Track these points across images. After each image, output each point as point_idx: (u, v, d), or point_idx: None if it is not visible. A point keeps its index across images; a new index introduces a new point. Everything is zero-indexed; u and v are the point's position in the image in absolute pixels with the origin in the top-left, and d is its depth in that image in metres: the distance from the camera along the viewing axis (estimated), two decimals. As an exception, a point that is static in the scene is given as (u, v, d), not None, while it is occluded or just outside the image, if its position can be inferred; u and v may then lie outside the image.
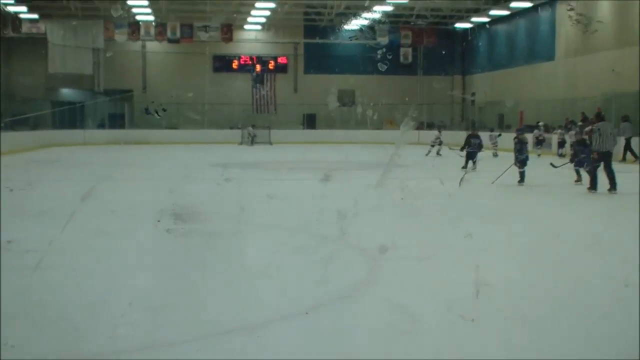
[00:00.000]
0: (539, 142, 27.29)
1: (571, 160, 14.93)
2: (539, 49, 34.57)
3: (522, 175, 15.03)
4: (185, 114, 36.95)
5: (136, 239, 8.64)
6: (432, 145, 26.23)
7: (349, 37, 40.43)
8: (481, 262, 6.73)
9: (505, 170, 15.00)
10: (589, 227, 9.90)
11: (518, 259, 7.49)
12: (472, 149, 18.78)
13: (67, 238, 7.98)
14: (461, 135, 24.79)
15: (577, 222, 10.43)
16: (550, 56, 33.21)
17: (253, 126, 37.69)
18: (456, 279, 6.42)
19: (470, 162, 18.74)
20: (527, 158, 15.14)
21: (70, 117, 38.18)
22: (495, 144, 26.70)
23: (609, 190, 13.47)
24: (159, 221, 9.30)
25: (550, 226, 9.89)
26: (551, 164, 16.61)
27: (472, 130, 19.93)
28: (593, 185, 13.60)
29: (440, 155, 25.02)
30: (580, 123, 25.81)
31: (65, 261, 7.08)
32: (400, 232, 8.77)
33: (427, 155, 25.45)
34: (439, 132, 27.62)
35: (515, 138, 15.56)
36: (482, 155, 19.88)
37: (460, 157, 19.28)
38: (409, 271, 6.81)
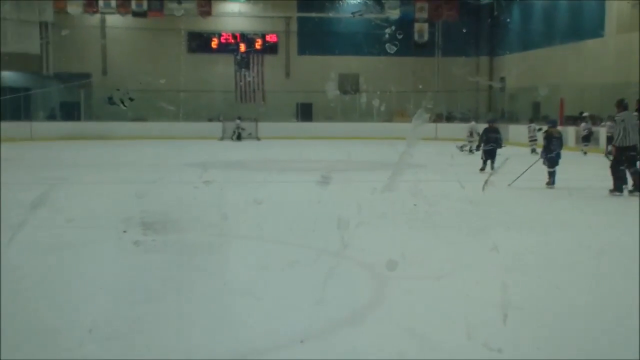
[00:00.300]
0: (587, 137, 27.33)
1: None
2: (583, 23, 34.57)
3: (551, 176, 15.22)
4: (156, 104, 36.99)
5: (98, 253, 8.73)
6: (470, 141, 26.52)
7: (352, 13, 40.51)
8: (509, 280, 6.83)
9: (526, 170, 15.28)
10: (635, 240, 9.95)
11: (552, 277, 7.58)
12: (490, 147, 18.77)
13: (14, 253, 8.03)
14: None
15: (622, 234, 10.47)
16: (597, 32, 33.16)
17: (240, 118, 37.71)
18: (479, 300, 6.51)
19: (489, 162, 18.76)
20: (558, 156, 15.30)
21: (13, 107, 38.03)
22: (533, 139, 26.90)
23: (630, 192, 13.92)
24: (125, 232, 9.39)
25: (590, 238, 9.96)
26: (607, 155, 16.77)
27: (491, 123, 20.01)
28: (617, 187, 13.92)
29: (473, 152, 25.19)
30: (635, 113, 25.93)
31: (12, 281, 7.12)
32: (413, 245, 8.85)
33: (461, 149, 25.81)
34: (476, 123, 27.90)
35: (544, 132, 15.75)
36: (519, 152, 19.99)
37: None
38: (423, 291, 6.90)
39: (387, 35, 15.25)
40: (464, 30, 40.63)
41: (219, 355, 5.16)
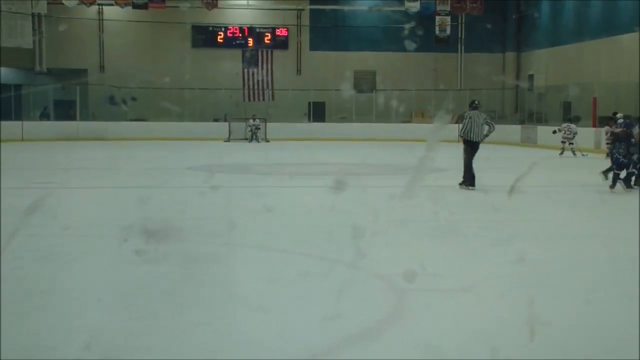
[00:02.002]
0: None
1: None
2: (617, 17, 34.44)
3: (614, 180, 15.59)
4: (158, 103, 37.03)
5: (96, 263, 8.80)
6: (571, 143, 26.86)
7: (369, 7, 40.46)
8: (536, 294, 6.86)
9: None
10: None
11: (583, 291, 7.59)
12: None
13: (7, 263, 8.08)
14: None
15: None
16: (632, 26, 33.01)
17: (254, 117, 37.71)
18: (504, 316, 6.54)
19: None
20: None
21: (3, 105, 38.09)
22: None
23: (461, 184, 15.94)
24: (126, 240, 9.45)
25: (625, 249, 9.95)
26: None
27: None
28: (469, 182, 16.00)
29: (578, 155, 25.74)
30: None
31: (4, 293, 7.17)
32: (433, 256, 8.92)
33: (561, 154, 26.25)
34: (573, 123, 27.97)
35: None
36: (550, 155, 19.93)
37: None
38: (444, 305, 6.94)
39: (406, 31, 15.54)
40: (489, 25, 40.57)
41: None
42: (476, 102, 17.06)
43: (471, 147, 16.12)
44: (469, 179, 15.99)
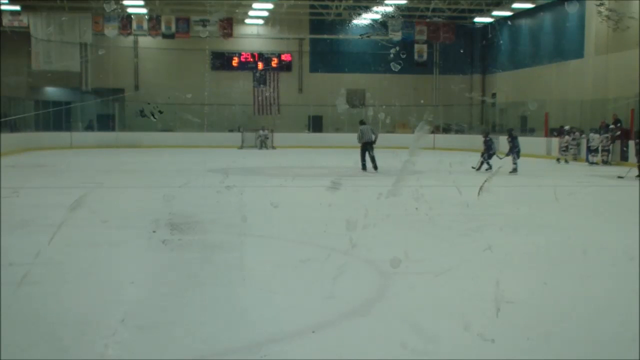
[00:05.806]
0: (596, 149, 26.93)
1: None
2: (566, 45, 34.55)
3: None
4: (182, 116, 37.04)
5: (130, 250, 8.71)
6: (565, 150, 26.85)
7: (360, 35, 40.47)
8: (502, 277, 6.77)
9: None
10: (620, 240, 9.87)
11: (542, 274, 7.51)
12: None
13: (54, 250, 8.02)
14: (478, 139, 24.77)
15: (608, 235, 10.42)
16: (578, 53, 33.18)
17: (263, 128, 37.78)
18: (475, 295, 6.46)
19: None
20: None
21: (55, 118, 38.22)
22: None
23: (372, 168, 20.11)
24: (154, 232, 9.37)
25: (577, 238, 9.91)
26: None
27: None
28: (362, 167, 20.63)
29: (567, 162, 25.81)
30: (612, 126, 25.86)
31: (52, 275, 7.12)
32: (414, 245, 8.82)
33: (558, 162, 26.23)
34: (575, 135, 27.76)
35: None
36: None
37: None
38: (424, 286, 6.85)
39: (391, 55, 15.57)
40: (461, 50, 40.68)
41: (236, 343, 5.13)
42: (363, 120, 21.67)
43: (364, 146, 20.60)
44: (363, 166, 20.50)
